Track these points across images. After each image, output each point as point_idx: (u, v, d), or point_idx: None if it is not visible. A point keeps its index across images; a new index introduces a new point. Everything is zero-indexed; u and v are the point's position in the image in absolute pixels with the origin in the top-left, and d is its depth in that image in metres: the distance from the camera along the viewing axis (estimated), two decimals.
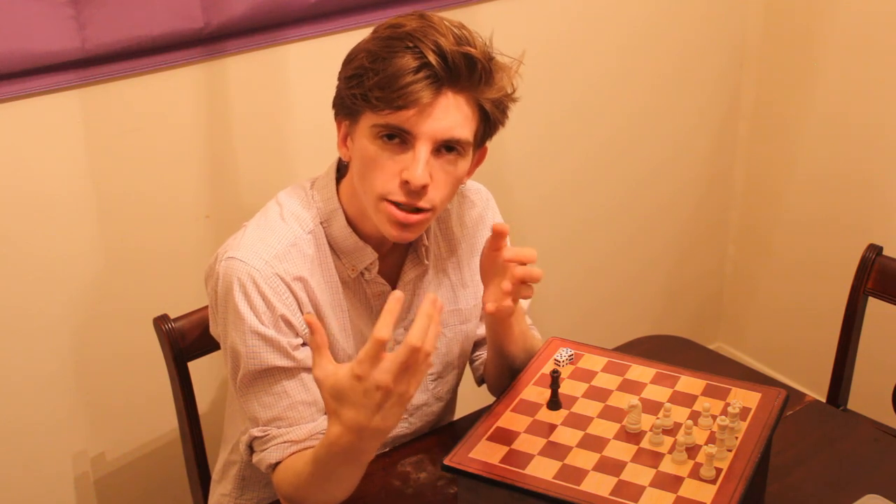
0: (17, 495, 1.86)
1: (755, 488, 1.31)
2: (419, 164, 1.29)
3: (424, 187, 1.31)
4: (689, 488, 1.21)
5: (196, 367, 1.67)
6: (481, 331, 1.60)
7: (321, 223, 1.42)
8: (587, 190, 2.50)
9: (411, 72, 1.26)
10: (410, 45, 1.28)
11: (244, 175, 1.92)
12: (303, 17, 1.87)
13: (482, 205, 1.59)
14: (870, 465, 1.46)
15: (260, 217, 1.43)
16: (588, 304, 2.62)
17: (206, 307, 1.62)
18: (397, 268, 1.48)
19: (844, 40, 2.39)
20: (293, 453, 1.35)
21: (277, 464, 1.36)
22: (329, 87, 2.01)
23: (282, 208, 1.42)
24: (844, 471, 1.44)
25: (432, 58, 1.27)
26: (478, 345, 1.63)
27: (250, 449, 1.40)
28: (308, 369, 1.39)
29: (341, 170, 1.45)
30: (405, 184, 1.30)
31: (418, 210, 1.33)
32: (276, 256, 1.36)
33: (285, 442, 1.36)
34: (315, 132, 1.94)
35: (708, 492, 1.20)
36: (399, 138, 1.30)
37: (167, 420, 1.91)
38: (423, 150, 1.30)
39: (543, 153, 2.37)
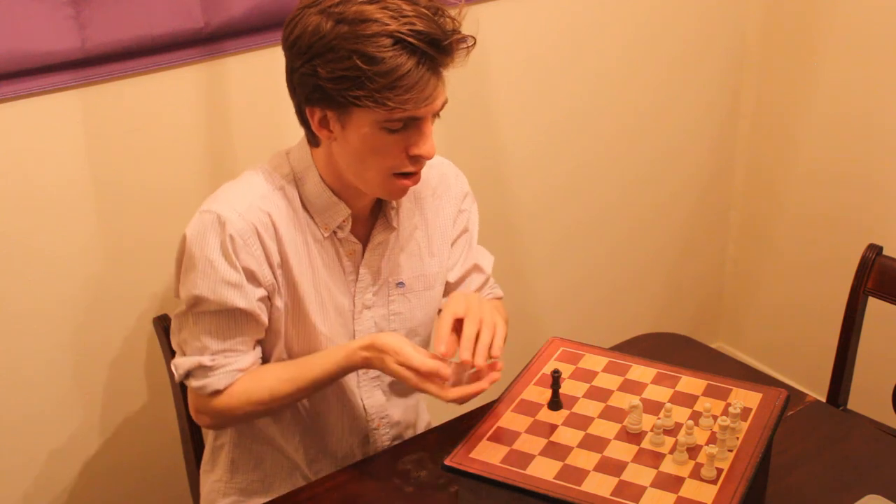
0: (17, 495, 1.86)
1: (756, 488, 1.31)
2: (430, 139, 1.37)
3: None
4: (690, 489, 1.21)
5: None
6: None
7: (294, 181, 1.46)
8: (588, 189, 2.50)
9: (413, 68, 1.29)
10: (396, 35, 1.28)
11: None
12: None
13: (452, 175, 1.62)
14: (870, 465, 1.46)
15: (227, 185, 1.48)
16: (588, 304, 2.62)
17: None
18: (368, 230, 1.51)
19: (844, 40, 2.39)
20: (238, 379, 1.45)
21: (221, 390, 1.44)
22: None
23: (255, 169, 1.48)
24: (845, 471, 1.44)
25: (426, 48, 1.29)
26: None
27: (187, 375, 1.46)
28: (259, 313, 1.44)
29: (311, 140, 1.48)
30: (415, 157, 1.37)
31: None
32: (248, 209, 1.41)
33: (234, 370, 1.44)
34: None
35: (709, 492, 1.20)
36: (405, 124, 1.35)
37: (167, 419, 1.91)
38: (429, 125, 1.37)
39: (544, 153, 2.37)
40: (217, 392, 1.44)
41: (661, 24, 2.45)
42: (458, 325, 1.37)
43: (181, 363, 1.45)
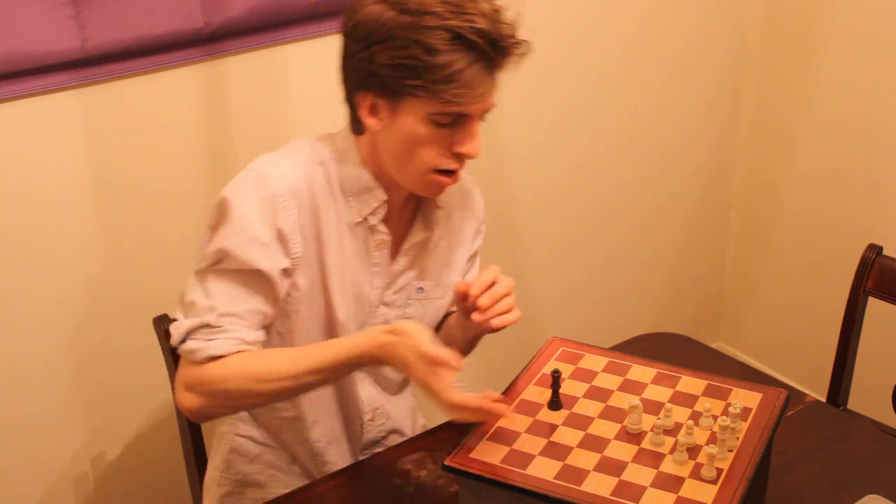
0: (17, 495, 1.87)
1: (756, 488, 1.31)
2: (478, 139, 1.38)
3: None
4: (690, 489, 1.21)
5: None
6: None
7: (336, 159, 1.45)
8: (587, 189, 2.50)
9: (470, 65, 1.32)
10: (456, 31, 1.30)
11: None
12: (303, 17, 1.87)
13: (476, 193, 1.64)
14: (870, 465, 1.46)
15: (271, 151, 1.47)
16: (588, 304, 2.62)
17: None
18: (398, 226, 1.51)
19: (844, 40, 2.40)
20: (238, 352, 1.36)
21: (218, 357, 1.35)
22: (329, 86, 2.00)
23: (299, 140, 1.48)
24: (845, 471, 1.44)
25: (485, 46, 1.31)
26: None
27: (185, 337, 1.37)
28: (277, 282, 1.40)
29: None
30: (459, 155, 1.38)
31: None
32: (292, 174, 1.40)
33: (237, 339, 1.36)
34: (315, 132, 1.93)
35: (709, 492, 1.20)
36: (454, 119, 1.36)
37: (167, 419, 1.91)
38: (476, 124, 1.39)
39: (544, 153, 2.37)
40: (212, 359, 1.35)
41: (661, 24, 2.45)
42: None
43: (182, 323, 1.37)
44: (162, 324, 1.62)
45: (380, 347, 1.32)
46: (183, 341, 1.37)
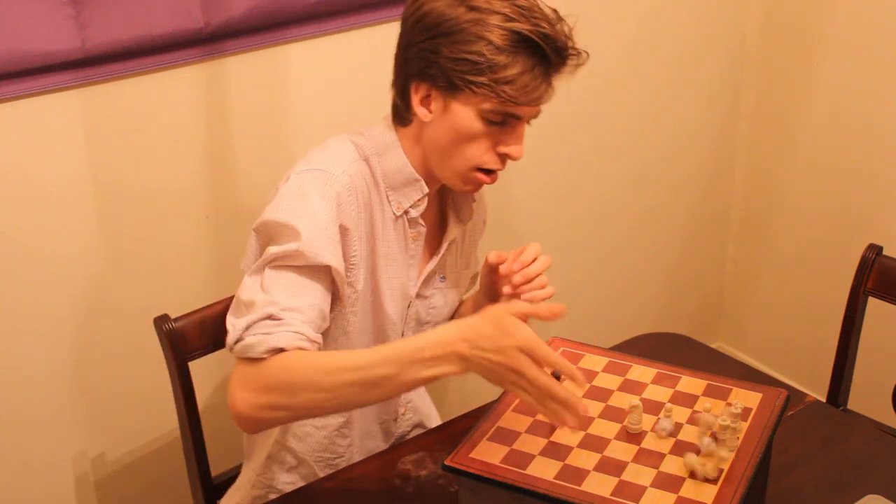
0: (17, 495, 1.86)
1: (756, 488, 1.31)
2: (523, 142, 1.42)
3: None
4: (690, 488, 1.21)
5: (196, 367, 1.67)
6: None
7: (377, 154, 1.45)
8: (587, 188, 2.50)
9: (532, 67, 1.34)
10: (522, 33, 1.33)
11: (244, 175, 1.92)
12: (303, 17, 1.87)
13: (485, 188, 1.65)
14: (870, 465, 1.46)
15: (316, 149, 1.45)
16: (588, 304, 2.62)
17: (206, 307, 1.62)
18: (432, 221, 1.52)
19: (844, 40, 2.40)
20: (299, 348, 1.27)
21: (278, 350, 1.26)
22: (329, 86, 2.01)
23: (340, 137, 1.46)
24: (845, 471, 1.44)
25: (548, 51, 1.35)
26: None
27: (243, 333, 1.28)
28: (337, 280, 1.37)
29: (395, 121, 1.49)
30: (504, 155, 1.41)
31: None
32: (348, 170, 1.40)
33: (299, 333, 1.28)
34: (315, 132, 1.94)
35: (709, 492, 1.20)
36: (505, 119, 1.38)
37: (167, 420, 1.91)
38: (524, 127, 1.42)
39: (543, 152, 2.37)
40: (275, 351, 1.25)
41: (661, 24, 2.45)
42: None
43: (240, 321, 1.28)
44: (162, 324, 1.62)
45: (463, 330, 1.21)
46: (240, 339, 1.28)
